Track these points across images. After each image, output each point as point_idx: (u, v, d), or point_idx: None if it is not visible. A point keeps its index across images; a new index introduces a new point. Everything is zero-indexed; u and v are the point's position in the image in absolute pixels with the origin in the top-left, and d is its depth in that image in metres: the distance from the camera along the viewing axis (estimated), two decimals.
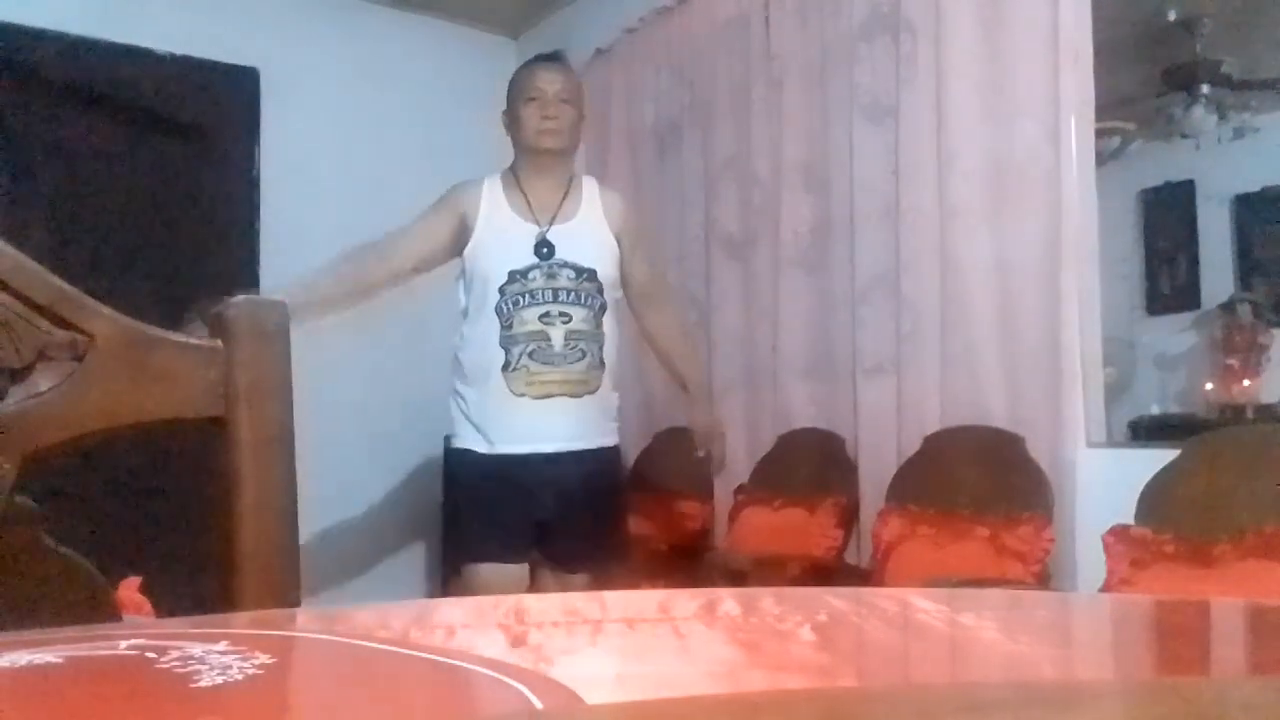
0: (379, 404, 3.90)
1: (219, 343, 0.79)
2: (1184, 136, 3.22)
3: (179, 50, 3.74)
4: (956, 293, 2.67)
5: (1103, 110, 2.61)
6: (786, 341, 3.19)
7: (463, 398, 2.47)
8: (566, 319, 2.38)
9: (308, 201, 3.91)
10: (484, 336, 2.40)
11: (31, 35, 3.48)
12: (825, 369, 3.08)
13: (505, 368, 2.37)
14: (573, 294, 2.40)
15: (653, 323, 2.66)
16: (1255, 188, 3.46)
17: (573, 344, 2.38)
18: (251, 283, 3.79)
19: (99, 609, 0.74)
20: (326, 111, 4.02)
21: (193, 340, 0.79)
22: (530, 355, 2.36)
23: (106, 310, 0.76)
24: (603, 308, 2.44)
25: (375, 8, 4.20)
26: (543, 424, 2.37)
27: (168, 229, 3.74)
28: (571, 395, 2.39)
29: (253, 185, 3.92)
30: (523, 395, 2.36)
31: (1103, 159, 2.69)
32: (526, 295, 2.38)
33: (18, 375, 0.72)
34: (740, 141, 3.39)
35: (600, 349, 2.43)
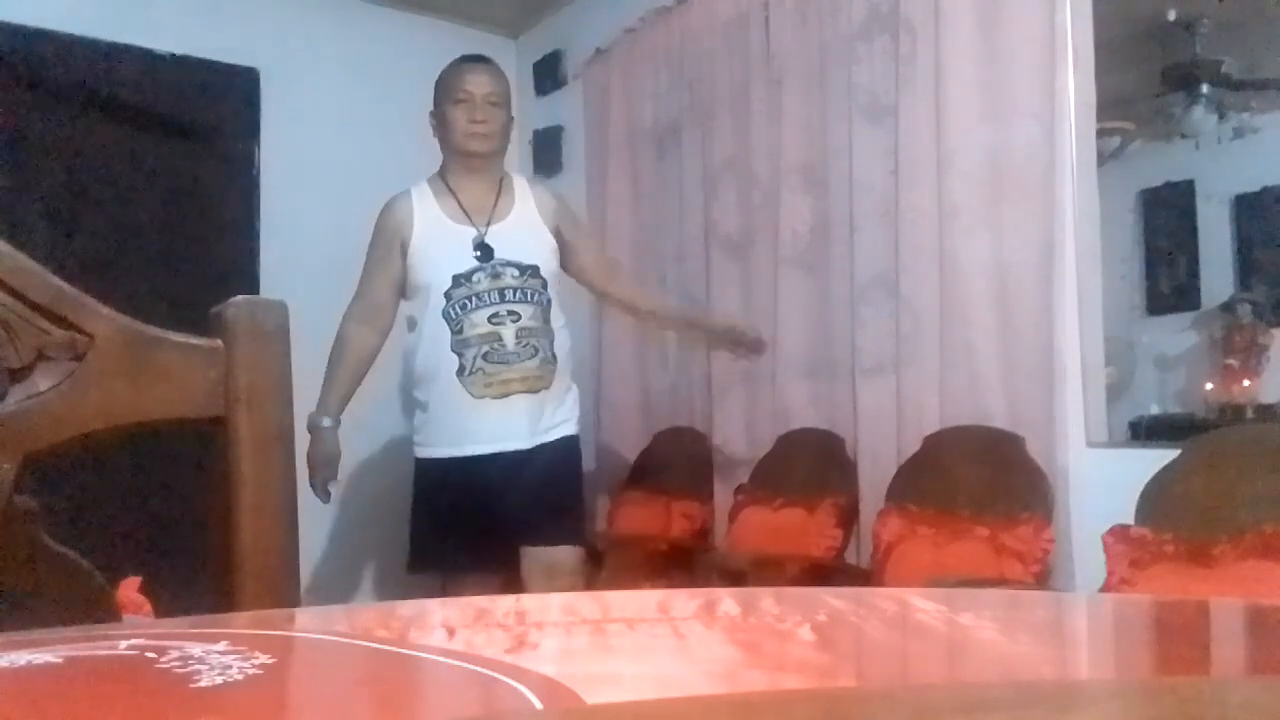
0: (378, 402, 3.89)
1: (219, 343, 0.79)
2: (1184, 136, 3.22)
3: (179, 50, 3.74)
4: (956, 293, 2.67)
5: (1103, 110, 2.61)
6: (786, 341, 3.18)
7: (423, 405, 2.51)
8: (516, 317, 2.41)
9: (308, 201, 3.91)
10: (435, 343, 2.43)
11: (31, 35, 3.48)
12: (825, 369, 3.08)
13: (460, 372, 2.40)
14: (519, 292, 2.43)
15: (625, 290, 2.79)
16: (1255, 188, 3.46)
17: (524, 341, 2.42)
18: (251, 283, 3.80)
19: (99, 609, 0.74)
20: (326, 111, 4.02)
21: (193, 340, 0.79)
22: (484, 357, 2.40)
23: (106, 310, 0.76)
24: (549, 303, 2.48)
25: (375, 8, 4.20)
26: (505, 422, 2.42)
27: (168, 229, 3.74)
28: (530, 391, 2.43)
29: (253, 185, 3.92)
30: (483, 397, 2.40)
31: (1103, 159, 2.68)
32: (473, 298, 2.40)
33: (18, 375, 0.72)
34: (739, 142, 3.39)
35: (551, 344, 2.47)
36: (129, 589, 1.83)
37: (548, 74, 4.29)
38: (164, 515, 3.29)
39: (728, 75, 3.45)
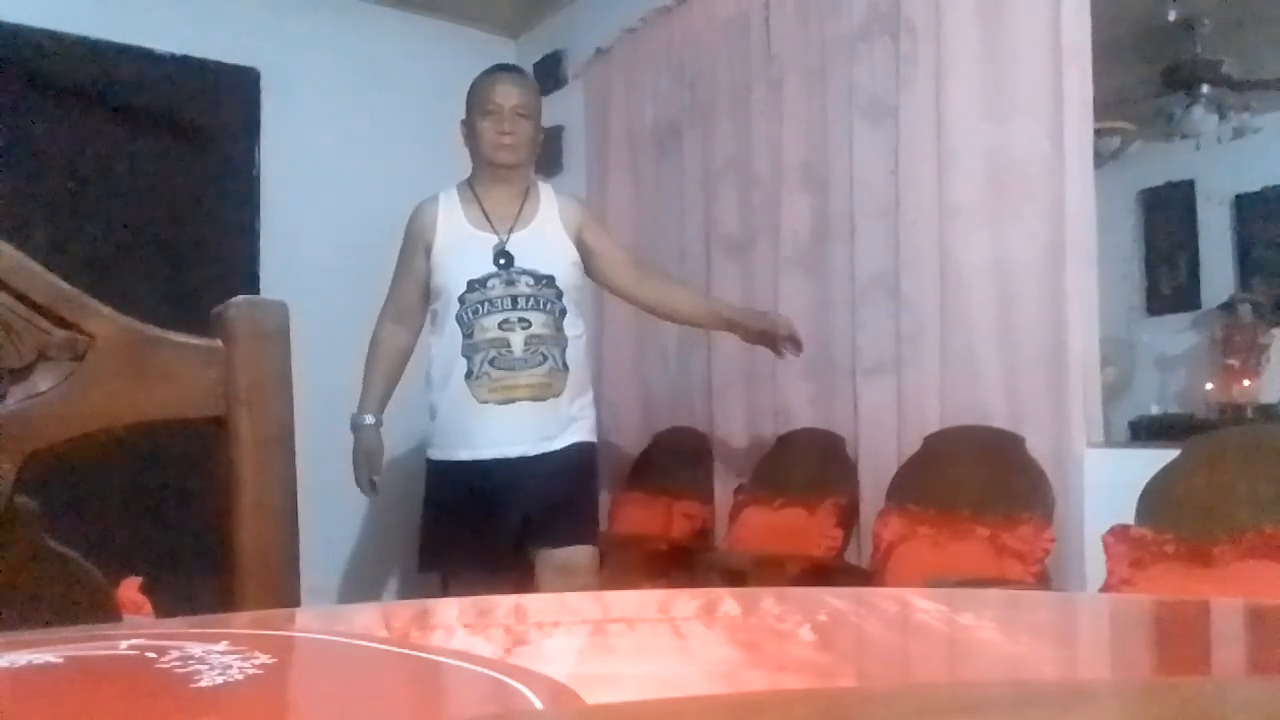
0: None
1: (219, 343, 0.79)
2: (1184, 136, 3.22)
3: (179, 50, 3.74)
4: (956, 293, 2.67)
5: (1103, 110, 2.61)
6: None
7: (434, 407, 2.55)
8: (526, 324, 2.45)
9: (308, 201, 3.91)
10: (448, 347, 2.48)
11: (32, 35, 3.48)
12: (825, 369, 3.07)
13: (468, 376, 2.45)
14: (532, 299, 2.47)
15: (658, 290, 2.72)
16: (1255, 188, 3.45)
17: (533, 349, 2.46)
18: (251, 283, 3.80)
19: (99, 609, 0.74)
20: (326, 111, 4.02)
21: (193, 340, 0.79)
22: (491, 363, 2.44)
23: (106, 310, 0.76)
24: (563, 312, 2.50)
25: (375, 8, 4.20)
26: (507, 428, 2.45)
27: (168, 229, 3.74)
28: (535, 399, 2.46)
29: (253, 185, 3.92)
30: (486, 402, 2.44)
31: (1103, 159, 2.69)
32: (486, 304, 2.45)
33: (18, 375, 0.72)
34: (740, 141, 3.39)
35: (563, 352, 2.50)
36: (129, 589, 1.83)
37: (548, 74, 4.28)
38: (164, 515, 3.30)
39: (728, 75, 3.45)
